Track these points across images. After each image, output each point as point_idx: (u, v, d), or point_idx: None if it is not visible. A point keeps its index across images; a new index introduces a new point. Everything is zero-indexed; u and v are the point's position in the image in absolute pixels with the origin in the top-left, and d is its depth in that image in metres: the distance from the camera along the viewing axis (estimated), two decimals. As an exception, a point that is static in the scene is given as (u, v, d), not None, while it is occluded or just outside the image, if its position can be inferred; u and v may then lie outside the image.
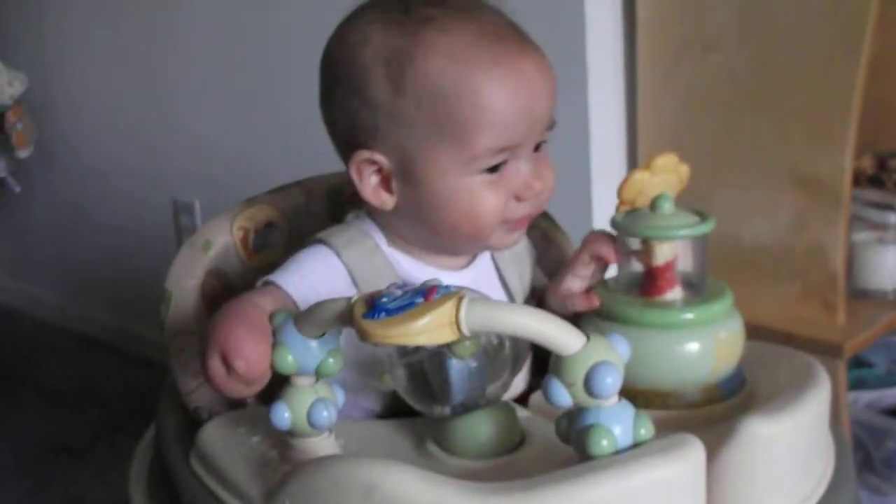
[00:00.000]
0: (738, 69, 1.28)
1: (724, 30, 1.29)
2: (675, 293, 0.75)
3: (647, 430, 0.58)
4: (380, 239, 0.78)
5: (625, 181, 0.81)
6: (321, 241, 0.77)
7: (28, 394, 2.10)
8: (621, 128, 1.39)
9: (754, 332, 0.85)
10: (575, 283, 0.78)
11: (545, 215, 0.95)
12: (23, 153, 2.01)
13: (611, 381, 0.56)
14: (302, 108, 0.95)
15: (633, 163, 1.40)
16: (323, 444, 0.66)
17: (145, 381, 0.92)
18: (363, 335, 0.58)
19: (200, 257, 0.89)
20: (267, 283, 0.75)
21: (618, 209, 0.81)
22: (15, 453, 1.85)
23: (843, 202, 1.22)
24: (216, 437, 0.73)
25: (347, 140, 0.76)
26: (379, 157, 0.74)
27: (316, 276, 0.75)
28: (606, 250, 0.77)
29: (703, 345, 0.71)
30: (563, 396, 0.58)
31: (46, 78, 2.25)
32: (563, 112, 1.36)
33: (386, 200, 0.75)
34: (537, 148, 0.76)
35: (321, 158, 0.85)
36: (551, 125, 0.76)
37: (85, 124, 2.27)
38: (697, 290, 0.76)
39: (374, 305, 0.58)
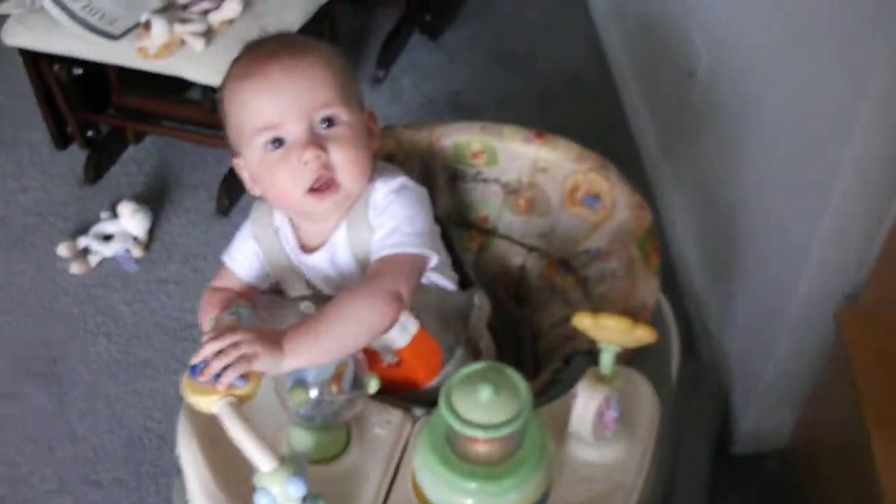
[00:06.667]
0: None
1: None
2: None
3: None
4: (278, 216, 1.05)
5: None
6: (249, 217, 1.08)
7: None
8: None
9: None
10: None
11: (642, 244, 1.06)
12: None
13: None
14: None
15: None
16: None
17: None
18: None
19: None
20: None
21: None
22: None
23: None
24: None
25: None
26: (240, 162, 1.03)
27: (245, 248, 1.07)
28: None
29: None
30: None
31: None
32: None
33: (255, 190, 1.03)
34: (331, 126, 0.97)
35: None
36: (324, 116, 0.96)
37: None
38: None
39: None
